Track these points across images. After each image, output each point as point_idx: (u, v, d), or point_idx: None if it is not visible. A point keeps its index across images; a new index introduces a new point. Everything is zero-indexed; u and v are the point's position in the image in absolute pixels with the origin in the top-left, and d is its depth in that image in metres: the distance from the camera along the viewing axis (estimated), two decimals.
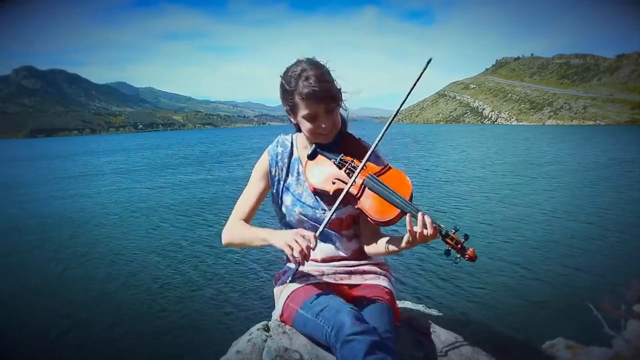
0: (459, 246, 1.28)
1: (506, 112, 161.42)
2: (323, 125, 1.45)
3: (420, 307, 2.04)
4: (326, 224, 1.40)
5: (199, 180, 17.96)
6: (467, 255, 1.27)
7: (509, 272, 6.43)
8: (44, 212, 12.40)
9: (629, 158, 22.34)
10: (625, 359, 2.16)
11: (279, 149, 1.63)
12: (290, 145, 1.64)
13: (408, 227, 1.30)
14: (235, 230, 1.58)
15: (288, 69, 1.47)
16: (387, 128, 1.43)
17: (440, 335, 1.70)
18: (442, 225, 1.30)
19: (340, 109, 1.54)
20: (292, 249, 1.31)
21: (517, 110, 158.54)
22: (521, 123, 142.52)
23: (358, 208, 1.44)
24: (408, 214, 1.33)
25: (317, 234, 1.37)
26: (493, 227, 8.90)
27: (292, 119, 1.54)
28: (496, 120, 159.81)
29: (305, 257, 1.31)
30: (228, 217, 1.65)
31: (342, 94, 1.52)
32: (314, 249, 1.34)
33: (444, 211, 10.43)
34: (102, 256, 7.92)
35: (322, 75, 1.41)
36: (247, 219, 1.61)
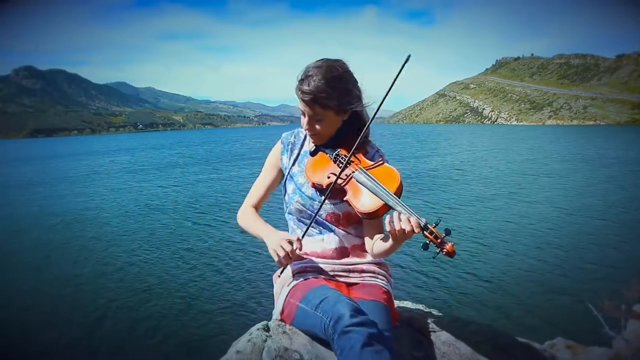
0: (438, 240, 1.23)
1: (506, 112, 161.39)
2: (306, 126, 1.51)
3: (420, 307, 2.04)
4: (314, 217, 1.49)
5: (200, 180, 17.97)
6: (445, 250, 1.23)
7: (509, 272, 6.44)
8: (47, 212, 12.41)
9: (631, 158, 22.35)
10: (625, 359, 2.16)
11: (292, 139, 1.69)
12: (303, 137, 1.69)
13: (387, 221, 1.30)
14: (246, 219, 1.68)
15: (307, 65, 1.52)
16: (370, 121, 1.50)
17: (440, 335, 1.70)
18: (421, 218, 1.26)
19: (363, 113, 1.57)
20: (277, 254, 1.43)
21: (517, 110, 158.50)
22: (521, 123, 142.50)
23: (346, 200, 1.45)
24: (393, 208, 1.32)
25: (302, 236, 1.50)
26: (493, 228, 8.91)
27: None
28: (496, 120, 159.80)
29: (289, 259, 1.44)
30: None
31: (351, 104, 1.47)
32: (300, 249, 1.47)
33: (445, 211, 10.44)
34: (102, 256, 7.93)
35: (320, 80, 1.41)
36: (258, 205, 1.71)
